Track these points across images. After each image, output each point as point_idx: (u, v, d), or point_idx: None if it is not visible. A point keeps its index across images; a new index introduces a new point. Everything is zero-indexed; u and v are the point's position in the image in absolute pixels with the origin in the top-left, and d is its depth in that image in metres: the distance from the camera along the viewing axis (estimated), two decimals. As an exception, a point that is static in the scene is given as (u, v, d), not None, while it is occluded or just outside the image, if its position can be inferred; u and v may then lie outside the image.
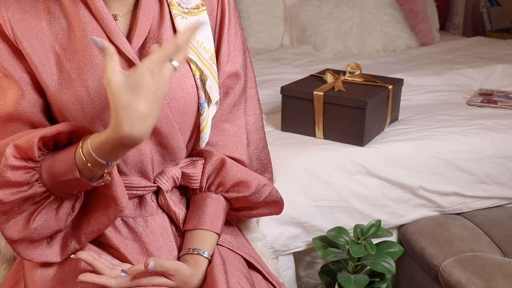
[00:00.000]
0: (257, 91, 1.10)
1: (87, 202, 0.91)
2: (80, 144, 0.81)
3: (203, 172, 1.01)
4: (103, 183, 0.85)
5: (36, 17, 0.90)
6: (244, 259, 1.02)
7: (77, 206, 0.89)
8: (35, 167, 0.83)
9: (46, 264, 0.92)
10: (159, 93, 0.75)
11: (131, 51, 0.90)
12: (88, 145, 0.79)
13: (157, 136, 0.94)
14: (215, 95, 0.98)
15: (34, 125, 0.90)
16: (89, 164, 0.80)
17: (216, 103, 1.00)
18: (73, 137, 0.86)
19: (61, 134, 0.84)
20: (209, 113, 0.98)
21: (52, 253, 0.90)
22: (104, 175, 0.83)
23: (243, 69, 1.04)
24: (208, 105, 0.98)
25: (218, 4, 1.01)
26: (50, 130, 0.82)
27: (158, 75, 0.75)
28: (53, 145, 0.85)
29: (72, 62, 0.89)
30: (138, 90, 0.73)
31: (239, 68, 1.03)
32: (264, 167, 1.12)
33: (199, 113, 0.98)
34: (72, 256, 0.86)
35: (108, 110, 0.89)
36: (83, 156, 0.80)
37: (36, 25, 0.90)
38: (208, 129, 0.99)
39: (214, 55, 0.99)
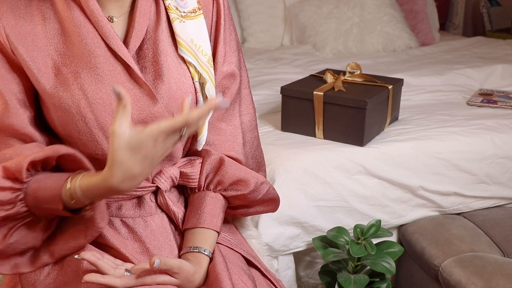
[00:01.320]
0: (250, 91, 1.11)
1: (65, 218, 0.92)
2: (69, 180, 0.82)
3: (201, 171, 1.01)
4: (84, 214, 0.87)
5: (30, 22, 0.89)
6: (243, 256, 1.03)
7: (54, 223, 0.91)
8: (21, 188, 0.84)
9: (45, 266, 0.92)
10: (156, 158, 0.77)
11: (127, 55, 0.90)
12: (76, 186, 0.81)
13: None
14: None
15: (20, 137, 0.90)
16: (73, 201, 0.82)
17: None
18: (62, 160, 0.87)
19: (50, 158, 0.85)
20: None
21: (23, 262, 0.91)
22: (87, 212, 0.86)
23: (238, 69, 1.05)
24: None
25: (213, 6, 1.01)
26: (39, 155, 0.84)
27: (161, 144, 0.76)
28: (41, 167, 0.87)
29: (68, 67, 0.89)
30: (137, 152, 0.75)
31: (234, 68, 1.03)
32: (259, 165, 1.13)
33: None
34: (75, 256, 0.87)
35: (105, 113, 0.89)
36: (69, 194, 0.82)
37: (31, 30, 0.89)
38: (205, 132, 1.00)
39: (211, 59, 0.99)
